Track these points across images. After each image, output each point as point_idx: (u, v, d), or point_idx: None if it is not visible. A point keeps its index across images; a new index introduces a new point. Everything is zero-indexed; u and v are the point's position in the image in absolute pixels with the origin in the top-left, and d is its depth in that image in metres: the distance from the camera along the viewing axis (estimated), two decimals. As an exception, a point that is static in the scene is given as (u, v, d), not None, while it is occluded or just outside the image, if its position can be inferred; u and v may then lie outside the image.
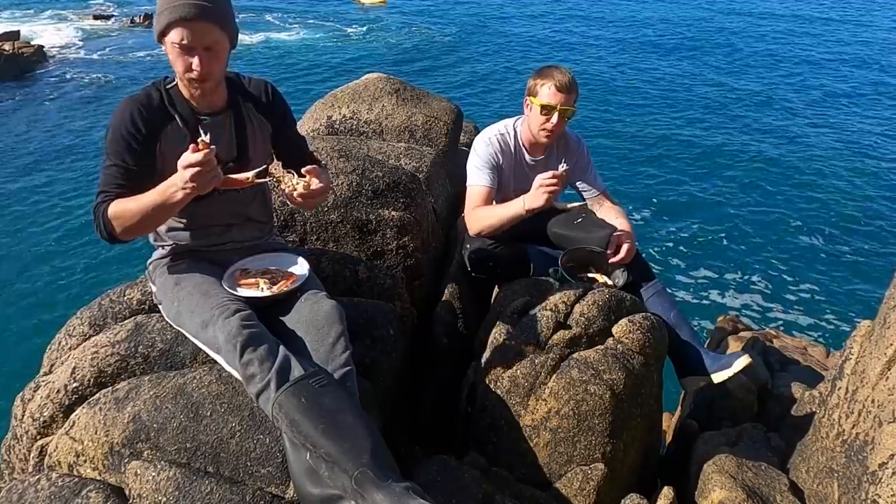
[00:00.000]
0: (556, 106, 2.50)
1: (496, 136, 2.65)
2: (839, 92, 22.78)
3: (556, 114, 2.51)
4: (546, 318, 2.23)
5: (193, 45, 1.69)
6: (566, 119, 2.57)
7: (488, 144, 2.63)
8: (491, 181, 2.61)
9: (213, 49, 1.73)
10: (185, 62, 1.71)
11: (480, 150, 2.63)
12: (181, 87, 1.83)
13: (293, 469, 1.56)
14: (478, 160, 2.62)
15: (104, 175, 1.76)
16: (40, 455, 1.81)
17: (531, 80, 2.59)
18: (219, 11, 1.71)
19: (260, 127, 1.97)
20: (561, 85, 2.49)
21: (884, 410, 1.82)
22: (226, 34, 1.75)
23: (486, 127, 2.75)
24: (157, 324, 1.99)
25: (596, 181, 2.81)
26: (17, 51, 23.61)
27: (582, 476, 2.03)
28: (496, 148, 2.62)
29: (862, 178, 16.06)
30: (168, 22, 1.66)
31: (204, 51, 1.71)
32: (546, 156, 2.72)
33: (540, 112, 2.53)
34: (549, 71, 2.55)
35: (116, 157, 1.75)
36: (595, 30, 31.66)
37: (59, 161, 16.04)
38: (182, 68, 1.73)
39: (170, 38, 1.69)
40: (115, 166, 1.75)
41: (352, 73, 5.14)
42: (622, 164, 16.31)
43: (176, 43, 1.68)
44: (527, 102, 2.61)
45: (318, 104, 3.74)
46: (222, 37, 1.74)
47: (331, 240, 2.64)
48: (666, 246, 12.78)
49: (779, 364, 3.71)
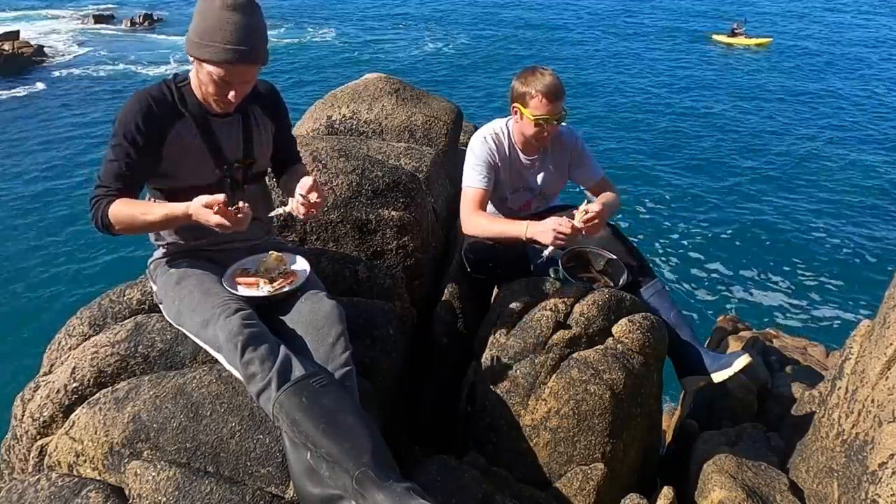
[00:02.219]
0: (548, 117, 2.45)
1: (490, 135, 2.63)
2: (840, 92, 22.78)
3: (550, 124, 2.48)
4: (546, 318, 2.23)
5: (234, 82, 1.73)
6: (560, 123, 2.54)
7: (483, 143, 2.61)
8: (486, 183, 2.58)
9: (250, 81, 1.80)
10: (221, 91, 1.75)
11: (476, 149, 2.61)
12: (195, 89, 1.83)
13: (293, 469, 1.56)
14: (474, 159, 2.60)
15: (106, 167, 1.76)
16: (40, 455, 1.81)
17: (517, 85, 2.50)
18: (262, 51, 1.73)
19: (264, 128, 2.00)
20: (551, 94, 2.42)
21: (884, 410, 1.82)
22: (262, 64, 1.78)
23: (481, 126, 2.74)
24: (157, 324, 1.99)
25: (593, 170, 2.76)
26: (16, 50, 23.63)
27: (582, 476, 2.04)
28: (491, 147, 2.60)
29: (862, 178, 16.07)
30: (212, 59, 1.67)
31: (241, 84, 1.76)
32: (540, 153, 2.71)
33: (534, 125, 2.48)
34: (535, 77, 2.46)
35: (121, 149, 1.75)
36: (596, 24, 31.66)
37: (58, 161, 16.05)
38: (215, 93, 1.76)
39: (209, 69, 1.70)
40: (118, 160, 1.75)
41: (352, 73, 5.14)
42: (622, 164, 16.31)
43: (215, 76, 1.71)
44: (515, 109, 2.54)
45: (318, 104, 3.74)
46: (258, 68, 1.78)
47: (331, 240, 2.64)
48: (666, 246, 12.79)
49: (779, 364, 3.71)
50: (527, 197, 2.77)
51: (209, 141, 1.85)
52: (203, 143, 1.84)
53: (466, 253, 2.77)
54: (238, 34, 1.65)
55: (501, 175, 2.66)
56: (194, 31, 1.70)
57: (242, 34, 1.65)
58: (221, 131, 1.88)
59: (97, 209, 1.74)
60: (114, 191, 1.75)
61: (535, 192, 2.75)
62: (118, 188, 1.75)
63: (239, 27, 1.65)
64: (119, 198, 1.74)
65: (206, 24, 1.66)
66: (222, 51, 1.66)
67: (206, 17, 1.67)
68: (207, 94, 1.79)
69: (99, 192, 1.75)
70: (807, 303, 11.12)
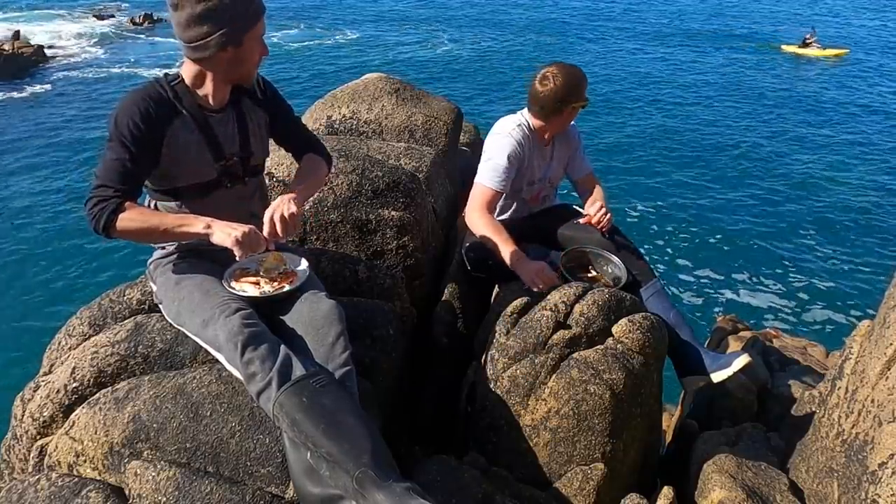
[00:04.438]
0: (585, 104, 2.63)
1: (515, 128, 2.63)
2: (840, 93, 22.76)
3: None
4: (546, 317, 2.22)
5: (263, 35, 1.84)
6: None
7: (510, 138, 2.59)
8: (502, 185, 2.57)
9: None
10: (262, 48, 1.84)
11: (504, 146, 2.58)
12: (188, 84, 1.84)
13: (293, 469, 1.56)
14: (498, 155, 2.57)
15: (105, 166, 1.72)
16: (40, 455, 1.81)
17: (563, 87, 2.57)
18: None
19: (258, 120, 2.00)
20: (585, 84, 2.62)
21: (884, 410, 1.82)
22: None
23: (498, 122, 2.72)
24: (156, 324, 1.99)
25: (584, 162, 2.92)
26: (16, 50, 23.64)
27: (582, 476, 2.03)
28: (518, 142, 2.60)
29: (862, 178, 16.06)
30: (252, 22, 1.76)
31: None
32: (551, 145, 2.80)
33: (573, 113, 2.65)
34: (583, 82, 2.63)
35: (121, 147, 1.72)
36: (597, 24, 31.59)
37: (58, 160, 16.05)
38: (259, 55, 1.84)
39: (257, 32, 1.79)
40: (119, 159, 1.71)
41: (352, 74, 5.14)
42: (622, 164, 16.31)
43: (256, 39, 1.80)
44: (568, 110, 2.62)
45: (317, 104, 3.74)
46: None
47: (331, 240, 2.64)
48: (666, 246, 12.78)
49: (779, 364, 3.71)
50: (538, 188, 2.81)
51: (208, 137, 1.86)
52: (202, 139, 1.85)
53: (467, 252, 2.77)
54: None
55: (524, 167, 2.67)
56: (226, 15, 1.72)
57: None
58: (218, 127, 1.88)
59: (101, 210, 1.68)
60: (118, 191, 1.70)
61: (544, 182, 2.81)
62: (121, 187, 1.70)
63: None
64: (126, 201, 1.70)
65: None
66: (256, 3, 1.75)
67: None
68: (249, 69, 1.85)
69: (101, 193, 1.69)
70: (807, 303, 11.11)
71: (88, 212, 1.69)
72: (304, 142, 2.15)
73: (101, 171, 1.72)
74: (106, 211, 1.67)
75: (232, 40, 1.74)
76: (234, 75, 1.85)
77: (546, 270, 2.41)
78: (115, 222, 1.68)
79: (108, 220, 1.67)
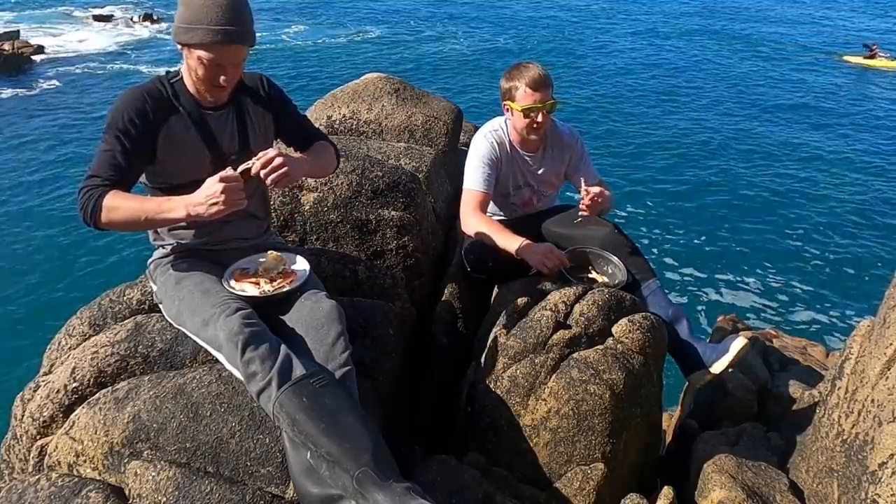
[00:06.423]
0: (535, 106, 2.51)
1: (491, 132, 2.66)
2: (841, 93, 22.75)
3: (538, 113, 2.53)
4: (546, 318, 2.22)
5: (224, 63, 1.74)
6: (550, 113, 2.59)
7: (484, 140, 2.64)
8: (486, 185, 2.60)
9: (240, 64, 1.80)
10: (212, 75, 1.76)
11: (478, 148, 2.63)
12: (187, 83, 1.85)
13: (293, 469, 1.56)
14: (476, 159, 2.62)
15: (99, 158, 1.74)
16: (40, 455, 1.81)
17: (504, 83, 2.59)
18: (249, 31, 1.75)
19: (259, 119, 2.00)
20: (534, 83, 2.49)
21: (884, 410, 1.82)
22: (250, 46, 1.79)
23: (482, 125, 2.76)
24: (156, 324, 1.99)
25: (590, 174, 2.82)
26: (16, 50, 23.62)
27: (582, 476, 2.03)
28: (493, 143, 2.63)
29: (862, 178, 16.06)
30: (201, 42, 1.69)
31: (232, 67, 1.77)
32: (541, 150, 2.75)
33: (523, 116, 2.55)
34: (518, 71, 2.55)
35: (115, 140, 1.73)
36: (596, 24, 31.56)
37: (58, 160, 16.04)
38: (206, 78, 1.77)
39: (198, 53, 1.72)
40: (111, 151, 1.73)
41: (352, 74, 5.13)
42: (622, 164, 16.31)
43: (205, 60, 1.72)
44: (506, 107, 2.62)
45: (317, 104, 3.74)
46: (247, 50, 1.80)
47: (331, 239, 2.64)
48: (666, 246, 12.78)
49: (779, 364, 3.71)
50: (528, 194, 2.79)
51: (204, 134, 1.86)
52: (198, 136, 1.85)
53: (466, 253, 2.77)
54: (224, 14, 1.67)
55: (503, 172, 2.68)
56: (180, 18, 1.71)
57: (228, 14, 1.68)
58: (216, 124, 1.88)
59: (88, 198, 1.69)
60: (107, 180, 1.71)
61: (534, 188, 2.78)
62: (111, 178, 1.71)
63: (224, 7, 1.67)
64: (113, 189, 1.71)
65: (192, 9, 1.69)
66: (210, 32, 1.67)
67: (191, 4, 1.69)
68: (199, 81, 1.79)
69: (90, 183, 1.71)
70: (807, 303, 11.11)
71: (78, 202, 1.71)
72: (313, 139, 2.15)
73: (94, 162, 1.75)
74: (92, 199, 1.69)
75: (182, 39, 1.73)
76: (195, 77, 1.81)
77: (554, 250, 2.38)
78: (101, 211, 1.68)
79: (94, 207, 1.68)
